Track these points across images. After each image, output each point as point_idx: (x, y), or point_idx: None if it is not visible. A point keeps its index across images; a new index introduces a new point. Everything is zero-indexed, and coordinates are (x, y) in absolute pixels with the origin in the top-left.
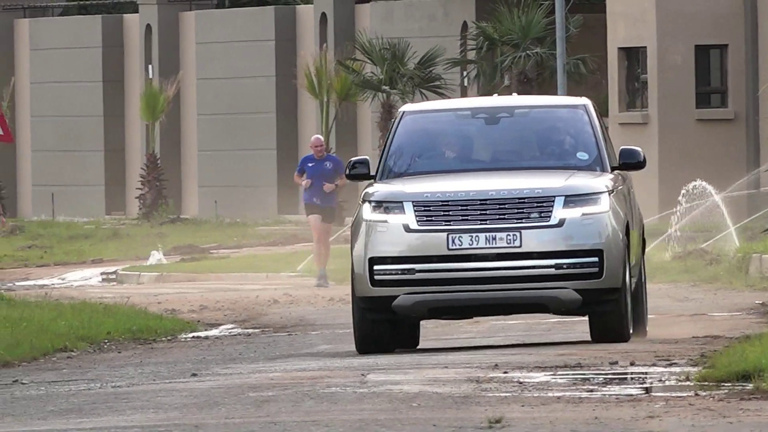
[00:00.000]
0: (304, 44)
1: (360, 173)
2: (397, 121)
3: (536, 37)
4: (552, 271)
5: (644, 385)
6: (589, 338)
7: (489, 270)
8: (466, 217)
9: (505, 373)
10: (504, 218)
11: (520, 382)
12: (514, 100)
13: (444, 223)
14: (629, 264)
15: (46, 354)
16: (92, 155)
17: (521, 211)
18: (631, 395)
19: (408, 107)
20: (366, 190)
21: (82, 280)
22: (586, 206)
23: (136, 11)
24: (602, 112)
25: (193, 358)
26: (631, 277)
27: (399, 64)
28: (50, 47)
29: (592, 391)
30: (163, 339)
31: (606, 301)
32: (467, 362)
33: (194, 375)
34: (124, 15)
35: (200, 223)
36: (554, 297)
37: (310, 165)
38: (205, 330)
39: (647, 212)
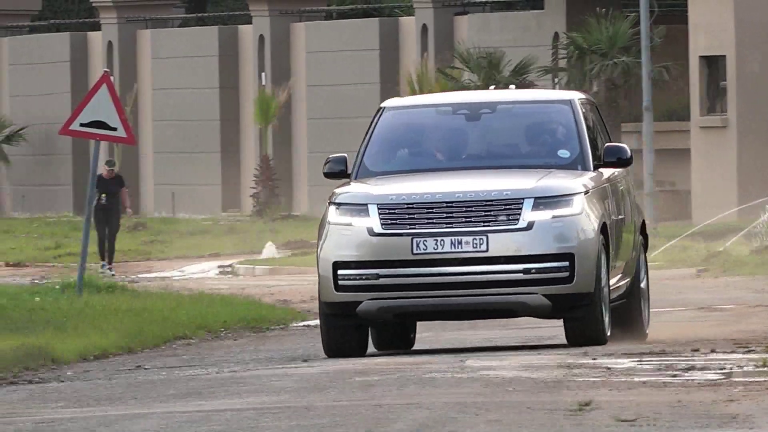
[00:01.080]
0: (406, 53)
1: (336, 171)
2: (377, 116)
3: (623, 46)
4: (520, 276)
5: (724, 371)
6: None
7: (454, 275)
8: (431, 221)
9: (594, 359)
10: (470, 221)
11: (608, 368)
12: (498, 94)
13: (408, 227)
14: (606, 267)
15: (167, 341)
16: (209, 156)
17: (488, 213)
18: (712, 380)
19: (389, 102)
20: (334, 191)
21: (200, 272)
22: (557, 208)
23: (250, 23)
24: (684, 116)
25: (303, 345)
26: (608, 279)
27: (495, 71)
28: (170, 56)
29: (675, 376)
30: (276, 328)
31: (578, 307)
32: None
33: (305, 361)
34: (239, 26)
35: (311, 219)
36: (522, 302)
37: None
38: (315, 319)
39: (726, 209)
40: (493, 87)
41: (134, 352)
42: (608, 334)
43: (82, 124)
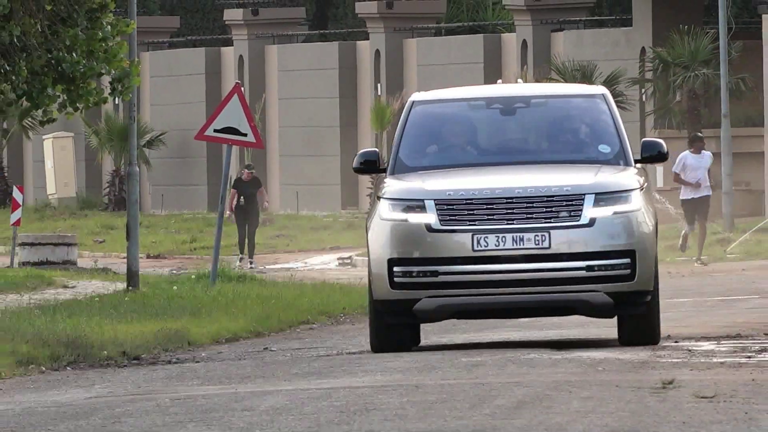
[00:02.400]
0: (508, 66)
1: (368, 166)
2: (407, 111)
3: (703, 59)
4: (583, 273)
5: None
6: None
7: (517, 272)
8: (491, 217)
9: (676, 342)
10: (531, 217)
11: (689, 350)
12: (529, 88)
13: (468, 223)
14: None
15: (291, 326)
16: (330, 159)
17: (549, 209)
18: None
19: (418, 96)
20: (383, 186)
21: (322, 264)
22: (617, 204)
23: (367, 39)
24: (759, 122)
25: None
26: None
27: (588, 82)
28: (295, 69)
29: (750, 357)
30: None
31: (638, 304)
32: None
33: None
34: (357, 42)
35: None
36: (585, 300)
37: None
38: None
39: None
40: (500, 81)
41: (262, 335)
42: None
43: (215, 130)
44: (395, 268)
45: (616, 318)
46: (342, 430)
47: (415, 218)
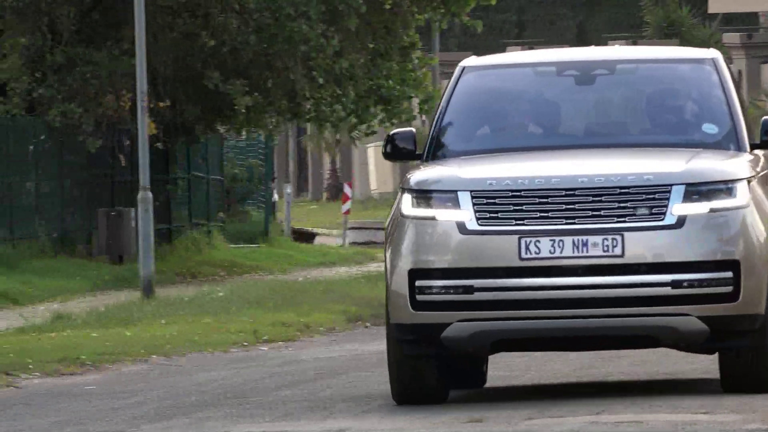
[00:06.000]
0: None
1: (400, 151)
2: (454, 80)
3: None
4: (667, 290)
5: None
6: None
7: (578, 289)
8: (545, 214)
9: None
10: (599, 216)
11: None
12: (617, 52)
13: (515, 223)
14: None
15: None
16: None
17: (624, 205)
18: None
19: (470, 60)
20: (407, 176)
21: None
22: (716, 199)
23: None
24: None
25: None
26: None
27: None
28: None
29: None
30: None
31: (743, 334)
32: None
33: None
34: None
35: None
36: (670, 327)
37: None
38: None
39: None
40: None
41: None
42: None
43: None
44: (418, 282)
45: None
46: None
47: (445, 215)
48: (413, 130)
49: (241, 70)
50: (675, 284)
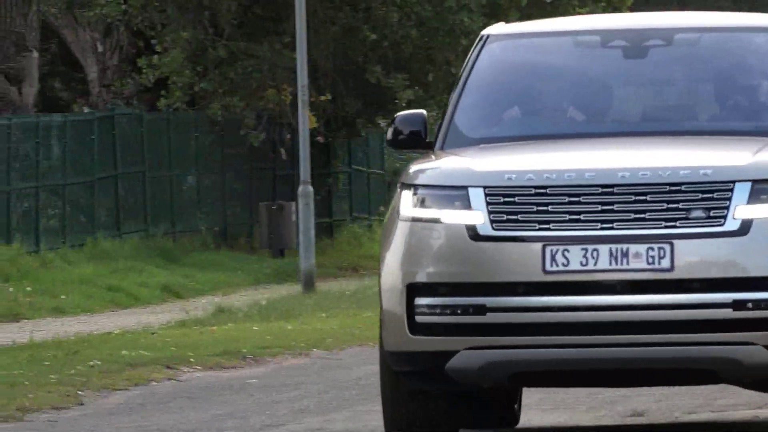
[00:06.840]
0: None
1: (406, 138)
2: (475, 51)
3: None
4: (727, 312)
5: None
6: None
7: (617, 310)
8: (577, 217)
9: None
10: (643, 219)
11: None
12: (675, 18)
13: (538, 227)
14: None
15: None
16: None
17: (674, 206)
18: None
19: (495, 28)
20: (408, 168)
21: None
22: None
23: None
24: None
25: None
26: None
27: None
28: None
29: None
30: None
31: None
32: None
33: None
34: None
35: None
36: (730, 358)
37: None
38: None
39: None
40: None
41: None
42: None
43: None
44: (417, 300)
45: None
46: None
47: (452, 217)
48: (423, 112)
49: (401, 64)
50: (737, 305)
